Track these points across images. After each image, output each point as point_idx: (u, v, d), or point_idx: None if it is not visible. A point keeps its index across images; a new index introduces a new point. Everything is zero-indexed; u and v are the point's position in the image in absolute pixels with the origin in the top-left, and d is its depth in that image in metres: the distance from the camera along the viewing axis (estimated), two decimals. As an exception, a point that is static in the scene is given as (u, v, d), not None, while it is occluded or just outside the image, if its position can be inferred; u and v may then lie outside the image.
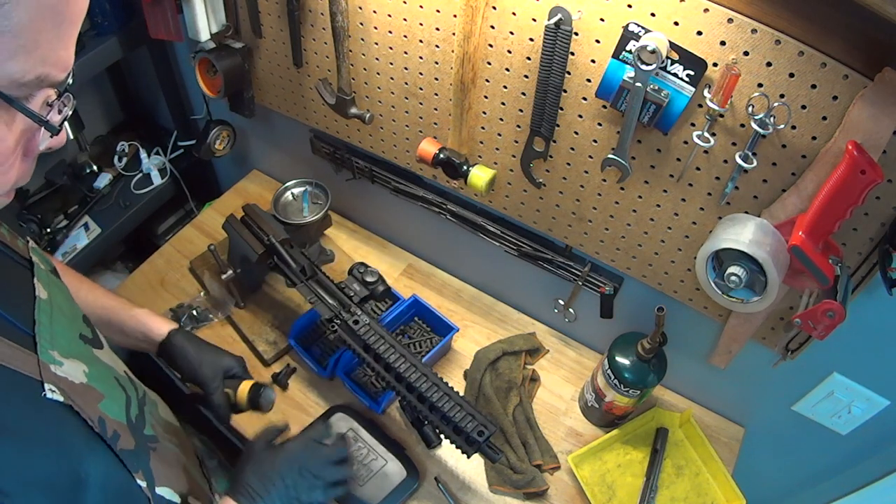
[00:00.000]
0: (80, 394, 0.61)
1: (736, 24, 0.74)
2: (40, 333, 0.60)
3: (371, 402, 1.20)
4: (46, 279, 0.68)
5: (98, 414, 0.62)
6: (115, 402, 0.68)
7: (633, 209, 1.01)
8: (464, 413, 0.93)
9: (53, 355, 0.60)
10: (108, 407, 0.65)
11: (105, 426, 0.63)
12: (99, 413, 0.63)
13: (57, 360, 0.60)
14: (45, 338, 0.60)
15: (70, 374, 0.61)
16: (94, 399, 0.63)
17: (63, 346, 0.63)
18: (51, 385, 0.58)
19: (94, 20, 1.34)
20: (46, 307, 0.64)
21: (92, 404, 0.62)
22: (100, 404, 0.64)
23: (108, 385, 0.68)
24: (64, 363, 0.61)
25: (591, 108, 0.92)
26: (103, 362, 0.71)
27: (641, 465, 1.20)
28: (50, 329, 0.62)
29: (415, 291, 1.39)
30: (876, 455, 1.12)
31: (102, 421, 0.63)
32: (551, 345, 1.38)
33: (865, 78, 0.70)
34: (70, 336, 0.67)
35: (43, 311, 0.63)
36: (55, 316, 0.65)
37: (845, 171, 0.72)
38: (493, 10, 0.91)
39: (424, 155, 1.10)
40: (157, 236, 1.85)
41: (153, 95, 1.79)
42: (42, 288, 0.66)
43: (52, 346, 0.61)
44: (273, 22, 1.21)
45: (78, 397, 0.60)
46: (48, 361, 0.59)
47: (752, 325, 1.02)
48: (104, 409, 0.64)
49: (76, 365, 0.63)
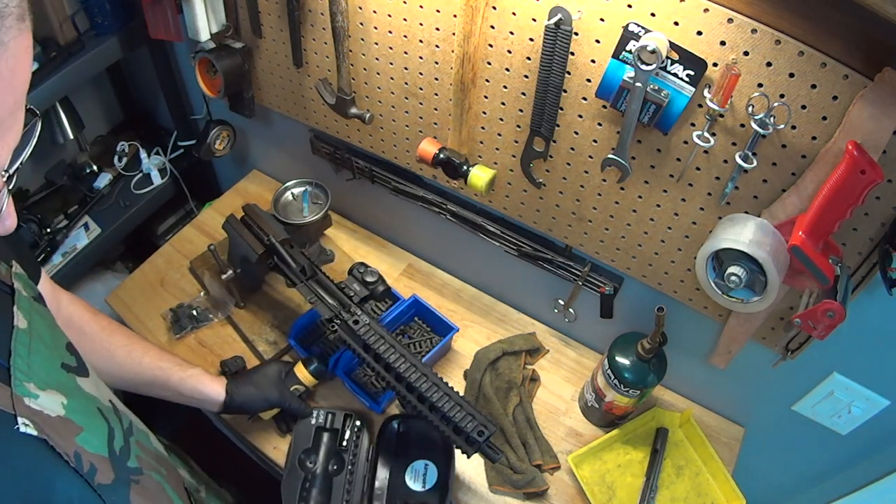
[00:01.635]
0: (55, 427, 0.59)
1: (736, 24, 0.74)
2: (16, 365, 0.58)
3: (371, 402, 1.20)
4: (28, 307, 0.66)
5: (74, 448, 0.60)
6: (95, 435, 0.65)
7: (633, 209, 1.01)
8: (464, 413, 0.93)
9: (29, 388, 0.58)
10: (87, 440, 0.63)
11: (81, 460, 0.61)
12: (75, 447, 0.60)
13: (32, 392, 0.58)
14: (21, 369, 0.58)
15: (46, 407, 0.59)
16: (71, 432, 0.61)
17: (41, 378, 0.60)
18: (24, 419, 0.55)
19: (94, 20, 1.34)
20: (25, 337, 0.62)
21: (68, 438, 0.60)
22: (76, 437, 0.61)
23: (89, 416, 0.66)
24: (40, 395, 0.59)
25: (591, 108, 0.92)
26: (86, 392, 0.68)
27: (641, 465, 1.20)
28: (27, 360, 0.60)
29: (415, 291, 1.39)
30: (876, 455, 1.12)
31: (79, 455, 0.60)
32: (551, 345, 1.38)
33: (865, 78, 0.70)
34: (50, 366, 0.64)
35: (20, 341, 0.61)
36: (34, 345, 0.63)
37: (845, 171, 0.72)
38: (493, 10, 0.91)
39: (424, 155, 1.10)
40: (157, 236, 1.85)
41: (153, 95, 1.79)
42: (22, 316, 0.64)
43: (29, 377, 0.59)
44: (273, 22, 1.21)
45: (53, 431, 0.58)
46: (22, 394, 0.57)
47: (752, 325, 1.02)
48: (81, 442, 0.62)
49: (54, 397, 0.61)
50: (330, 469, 1.12)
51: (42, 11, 1.26)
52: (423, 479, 1.11)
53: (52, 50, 1.28)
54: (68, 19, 1.30)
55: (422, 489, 1.10)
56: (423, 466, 1.12)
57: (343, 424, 1.16)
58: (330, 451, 1.14)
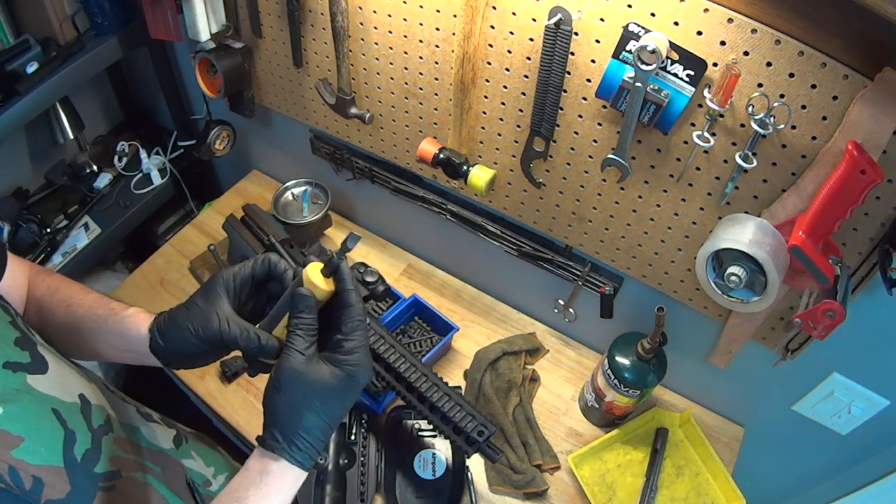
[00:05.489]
0: None
1: (736, 24, 0.74)
2: None
3: (371, 402, 1.20)
4: None
5: (9, 462, 0.55)
6: (42, 444, 0.59)
7: (633, 209, 1.01)
8: (464, 413, 0.93)
9: None
10: (29, 451, 0.56)
11: (19, 476, 0.55)
12: (10, 461, 0.55)
13: None
14: None
15: None
16: (6, 445, 0.55)
17: None
18: None
19: (94, 20, 1.34)
20: None
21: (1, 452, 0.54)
22: (13, 451, 0.55)
23: (35, 422, 0.59)
24: None
25: (591, 108, 0.92)
26: (38, 393, 0.61)
27: (641, 465, 1.20)
28: None
29: (415, 291, 1.39)
30: (876, 455, 1.12)
31: (14, 471, 0.55)
32: (551, 345, 1.38)
33: (865, 78, 0.70)
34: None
35: None
36: None
37: (845, 171, 0.72)
38: (493, 10, 0.91)
39: (424, 155, 1.10)
40: (157, 236, 1.85)
41: (153, 95, 1.79)
42: None
43: None
44: (273, 22, 1.21)
45: None
46: None
47: (752, 325, 1.02)
48: (20, 454, 0.56)
49: None
50: (341, 463, 1.13)
51: (42, 11, 1.26)
52: (433, 468, 1.13)
53: (52, 50, 1.29)
54: (68, 19, 1.31)
55: (432, 478, 1.12)
56: (431, 455, 1.14)
57: (350, 418, 1.17)
58: (339, 445, 1.15)
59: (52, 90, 1.28)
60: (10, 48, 1.25)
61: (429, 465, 1.13)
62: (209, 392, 1.27)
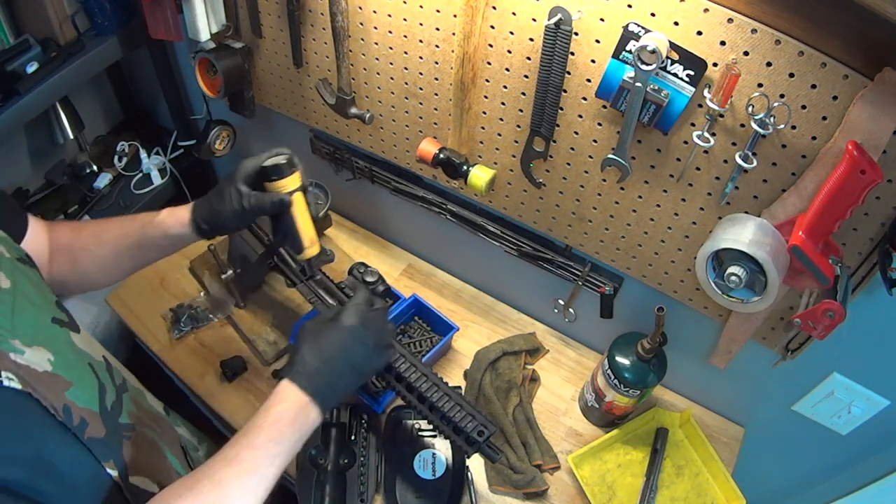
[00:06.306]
0: (43, 382, 0.62)
1: (736, 24, 0.74)
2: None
3: (371, 402, 1.20)
4: (11, 267, 0.68)
5: (63, 402, 0.63)
6: (85, 390, 0.68)
7: (633, 209, 1.01)
8: (464, 413, 0.93)
9: (14, 344, 0.61)
10: (77, 395, 0.65)
11: (71, 414, 0.64)
12: (65, 401, 0.63)
13: (18, 348, 0.61)
14: (5, 327, 0.61)
15: (32, 363, 0.61)
16: (60, 387, 0.64)
17: (27, 334, 0.63)
18: (8, 373, 0.58)
19: (94, 20, 1.34)
20: (7, 297, 0.64)
21: (57, 393, 0.63)
22: (66, 392, 0.64)
23: (79, 372, 0.69)
24: (26, 351, 0.61)
25: (591, 108, 0.92)
26: (78, 348, 0.71)
27: (641, 465, 1.20)
28: (11, 318, 0.62)
29: (415, 291, 1.39)
30: (876, 455, 1.12)
31: (68, 409, 0.63)
32: (551, 345, 1.38)
33: (865, 78, 0.70)
34: (38, 323, 0.67)
35: (3, 301, 0.63)
36: (18, 305, 0.65)
37: (845, 171, 0.72)
38: (493, 10, 0.91)
39: (424, 155, 1.10)
40: (157, 236, 1.85)
41: (153, 95, 1.79)
42: (4, 277, 0.66)
43: (14, 334, 0.61)
44: (273, 22, 1.21)
45: (41, 385, 0.61)
46: (6, 350, 0.59)
47: (752, 325, 1.02)
48: (71, 396, 0.64)
49: (40, 353, 0.63)
50: (341, 463, 1.13)
51: (42, 11, 1.26)
52: (433, 468, 1.13)
53: (53, 50, 1.29)
54: (68, 19, 1.31)
55: (432, 478, 1.12)
56: (431, 455, 1.14)
57: (350, 418, 1.18)
58: (339, 445, 1.15)
59: (52, 90, 1.28)
60: (10, 48, 1.25)
61: (429, 465, 1.13)
62: (209, 392, 1.26)
